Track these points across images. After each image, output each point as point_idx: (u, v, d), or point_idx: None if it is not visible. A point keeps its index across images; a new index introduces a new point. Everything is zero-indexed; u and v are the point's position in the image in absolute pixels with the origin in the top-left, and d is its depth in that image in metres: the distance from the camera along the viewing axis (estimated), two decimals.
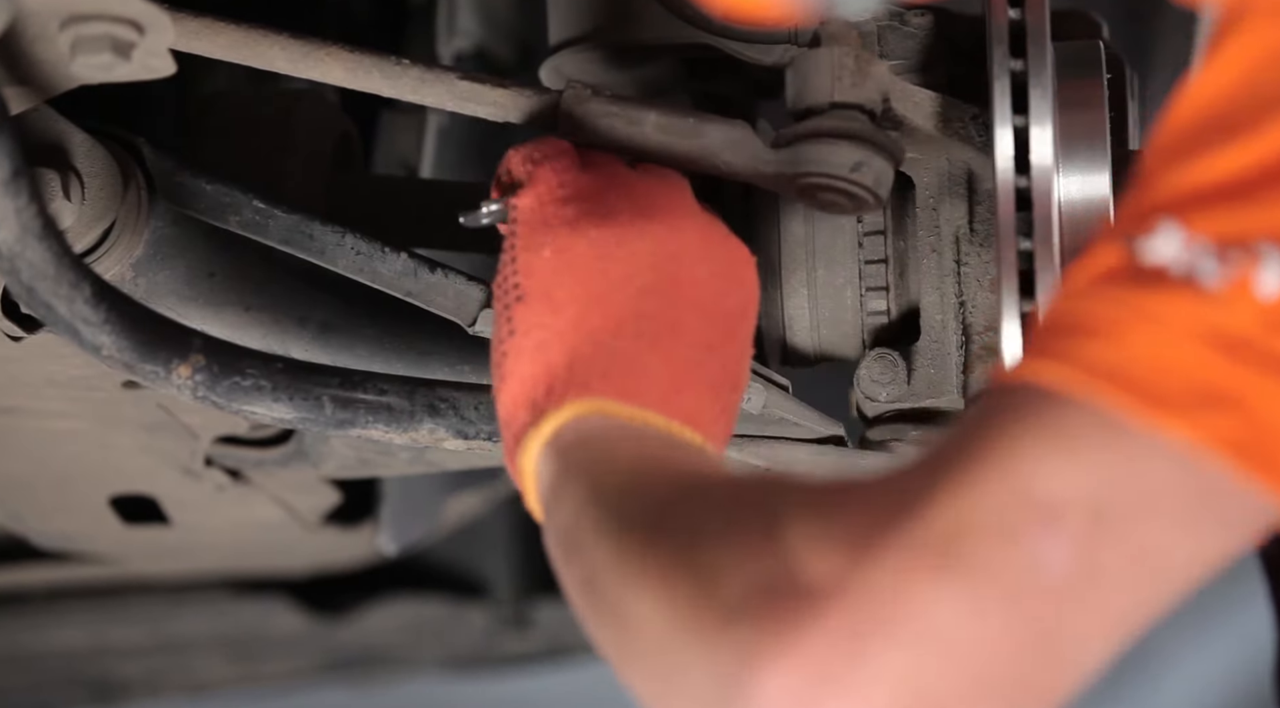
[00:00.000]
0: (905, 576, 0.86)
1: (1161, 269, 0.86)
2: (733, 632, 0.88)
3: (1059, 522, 0.86)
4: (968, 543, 0.86)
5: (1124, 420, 0.86)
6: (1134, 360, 0.86)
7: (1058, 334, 0.89)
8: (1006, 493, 0.86)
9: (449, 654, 2.47)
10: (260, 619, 2.36)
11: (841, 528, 0.88)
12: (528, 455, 1.08)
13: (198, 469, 1.65)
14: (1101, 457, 0.86)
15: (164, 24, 1.15)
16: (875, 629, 0.85)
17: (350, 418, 1.25)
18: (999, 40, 1.24)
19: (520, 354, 1.11)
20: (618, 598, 0.95)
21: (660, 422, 1.09)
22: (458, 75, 1.27)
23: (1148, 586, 0.88)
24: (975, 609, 0.85)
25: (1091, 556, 0.86)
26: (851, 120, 1.23)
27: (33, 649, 2.35)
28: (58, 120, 1.27)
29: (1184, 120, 0.91)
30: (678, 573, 0.92)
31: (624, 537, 0.97)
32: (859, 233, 1.36)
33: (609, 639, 0.97)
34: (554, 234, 1.14)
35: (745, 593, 0.88)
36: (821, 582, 0.87)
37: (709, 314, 1.14)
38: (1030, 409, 0.88)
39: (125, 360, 1.20)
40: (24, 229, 1.13)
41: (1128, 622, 0.88)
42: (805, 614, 0.86)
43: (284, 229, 1.32)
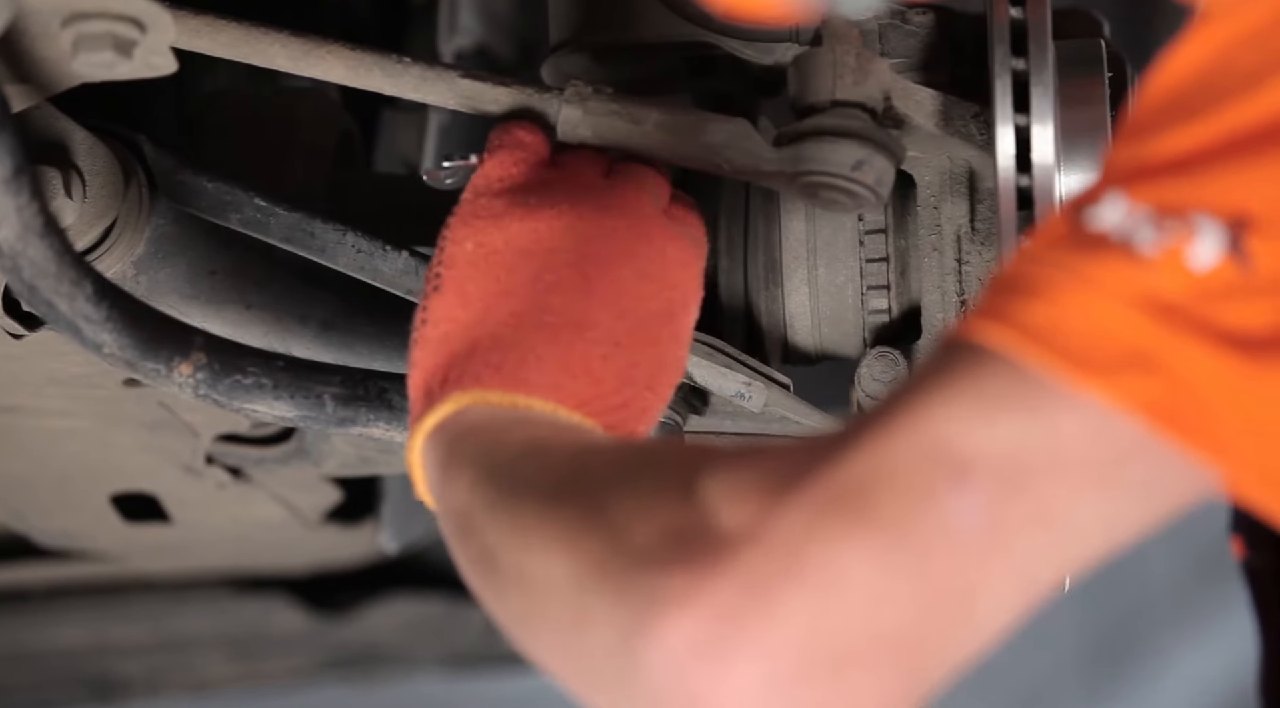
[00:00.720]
0: (815, 525, 0.86)
1: (1102, 235, 0.87)
2: (638, 579, 0.88)
3: (969, 478, 0.86)
4: (879, 496, 0.86)
5: (1045, 378, 0.86)
6: (1062, 320, 0.86)
7: (998, 293, 0.89)
8: (920, 447, 0.87)
9: (449, 653, 2.46)
10: (261, 618, 2.36)
11: (755, 477, 0.89)
12: (414, 445, 1.09)
13: (199, 467, 1.65)
14: (1018, 415, 0.86)
15: (165, 22, 1.15)
16: (781, 577, 0.85)
17: (351, 416, 1.25)
18: (1000, 39, 1.24)
19: (426, 344, 1.13)
20: (518, 564, 0.95)
21: (547, 407, 1.08)
22: (459, 73, 1.27)
23: (1056, 547, 0.88)
24: (882, 562, 0.85)
25: (1000, 514, 0.86)
26: (853, 119, 1.23)
27: (33, 647, 2.35)
28: (59, 118, 1.27)
29: (1147, 101, 0.92)
30: (584, 529, 0.92)
31: (521, 505, 0.97)
32: (860, 231, 1.36)
33: (512, 611, 0.96)
34: (478, 226, 1.17)
35: (653, 542, 0.89)
36: (731, 529, 0.87)
37: (624, 313, 1.14)
38: (956, 366, 0.88)
39: (126, 358, 1.20)
40: (25, 227, 1.13)
41: (1035, 583, 0.88)
42: (712, 560, 0.86)
43: (285, 227, 1.32)
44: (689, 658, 0.86)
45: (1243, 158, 0.87)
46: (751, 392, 1.29)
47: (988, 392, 0.87)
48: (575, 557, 0.92)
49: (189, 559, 2.13)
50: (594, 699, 0.92)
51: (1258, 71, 0.89)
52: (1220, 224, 0.86)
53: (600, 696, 0.91)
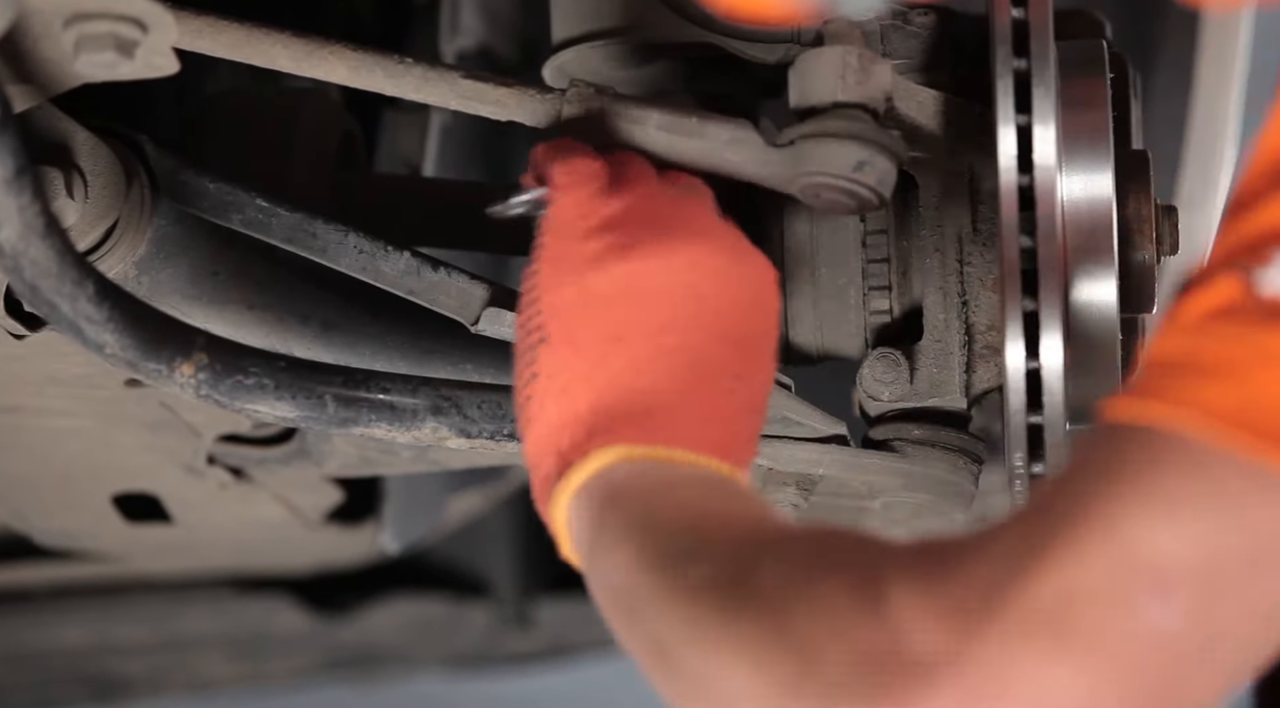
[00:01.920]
0: (1016, 648, 0.84)
1: (1278, 304, 0.85)
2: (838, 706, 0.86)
3: (1170, 585, 0.84)
4: (1078, 611, 0.84)
5: (1243, 462, 0.84)
6: (1256, 400, 0.84)
7: (1171, 373, 0.86)
8: (1115, 557, 0.84)
9: (451, 653, 2.47)
10: (262, 618, 2.36)
11: (947, 599, 0.86)
12: (558, 508, 1.07)
13: (200, 467, 1.65)
14: (1213, 508, 0.84)
15: (167, 22, 1.15)
16: (988, 700, 0.84)
17: (353, 416, 1.25)
18: (1002, 39, 1.24)
19: (545, 399, 1.10)
20: (700, 669, 0.92)
21: (691, 458, 1.06)
22: (461, 74, 1.27)
23: (1262, 639, 0.86)
24: (1089, 680, 0.84)
25: (1205, 617, 0.84)
26: (855, 120, 1.23)
27: (35, 647, 2.35)
28: (61, 118, 1.27)
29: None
30: (769, 644, 0.90)
31: (696, 603, 0.94)
32: (862, 232, 1.36)
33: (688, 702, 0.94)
34: (577, 272, 1.12)
35: (848, 668, 0.86)
36: (930, 656, 0.85)
37: (735, 343, 1.11)
38: (1140, 457, 0.86)
39: (128, 359, 1.20)
40: (27, 227, 1.13)
41: (1243, 672, 0.87)
42: (915, 690, 0.84)
43: (287, 228, 1.32)
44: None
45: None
46: None
47: (1175, 487, 0.85)
48: (764, 678, 0.89)
49: (190, 559, 2.14)
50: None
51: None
52: None
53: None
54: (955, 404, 1.32)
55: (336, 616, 2.38)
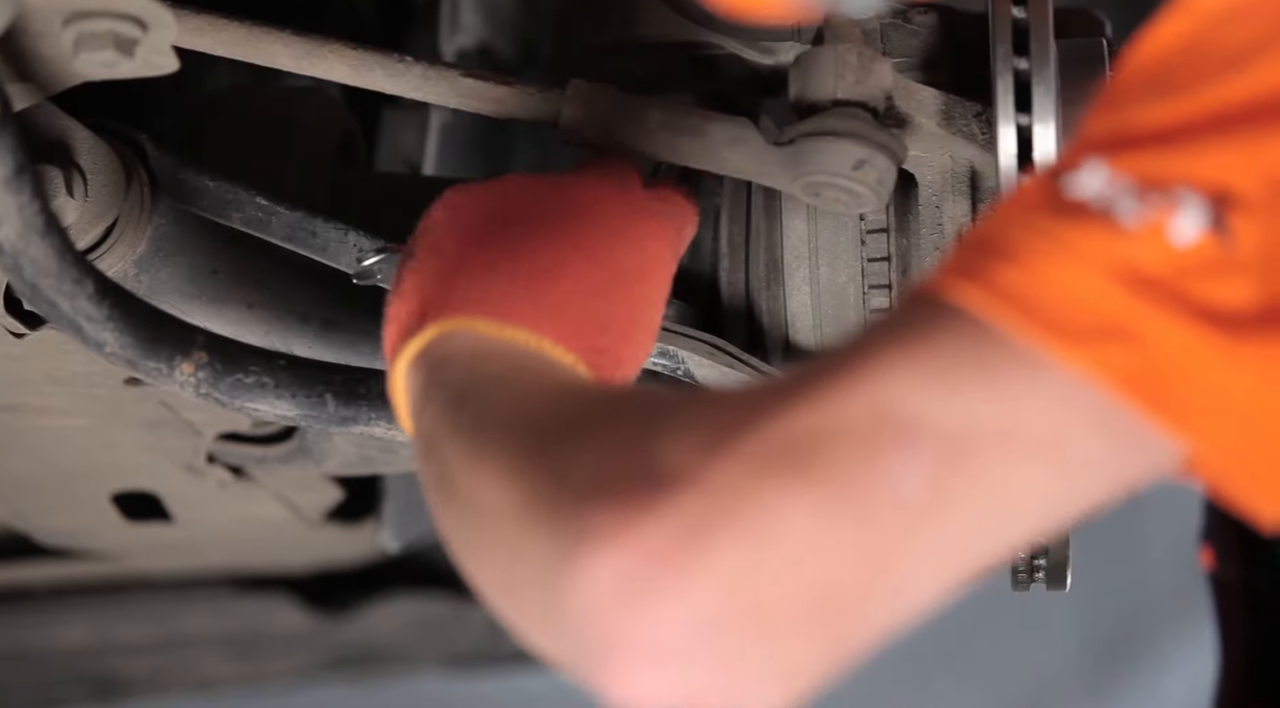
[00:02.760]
0: (757, 473, 0.85)
1: (1082, 203, 0.87)
2: (575, 513, 0.87)
3: (917, 444, 0.85)
4: (824, 450, 0.85)
5: (1016, 344, 0.85)
6: (1038, 286, 0.85)
7: (971, 253, 0.88)
8: (872, 406, 0.86)
9: (451, 652, 2.46)
10: (263, 617, 2.36)
11: (703, 422, 0.88)
12: (396, 374, 1.08)
13: (200, 466, 1.65)
14: (976, 386, 0.86)
15: (167, 21, 1.15)
16: (717, 521, 0.84)
17: (353, 415, 1.25)
18: (1002, 38, 1.24)
19: (400, 297, 1.11)
20: (469, 490, 0.94)
21: (532, 339, 1.07)
22: (461, 72, 1.27)
23: (1000, 522, 0.87)
24: (820, 517, 0.84)
25: (944, 483, 0.85)
26: (854, 118, 1.23)
27: (35, 647, 2.35)
28: (60, 117, 1.27)
29: (1129, 72, 0.92)
30: (532, 462, 0.91)
31: (483, 432, 0.96)
32: (862, 231, 1.36)
33: (459, 536, 0.96)
34: (444, 200, 1.16)
35: (595, 478, 0.88)
36: (672, 471, 0.86)
37: (599, 265, 1.13)
38: (922, 324, 0.87)
39: (128, 357, 1.20)
40: (27, 226, 1.13)
41: (972, 556, 0.87)
42: (648, 499, 0.85)
43: (287, 226, 1.32)
44: (611, 595, 0.85)
45: (1228, 133, 0.87)
46: None
47: (949, 356, 0.86)
48: (519, 487, 0.91)
49: (191, 558, 2.13)
50: (524, 631, 0.91)
51: (1244, 46, 0.89)
52: (1203, 199, 0.86)
53: (529, 627, 0.91)
54: None
55: (337, 614, 2.38)
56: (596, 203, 1.17)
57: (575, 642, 0.87)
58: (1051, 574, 1.37)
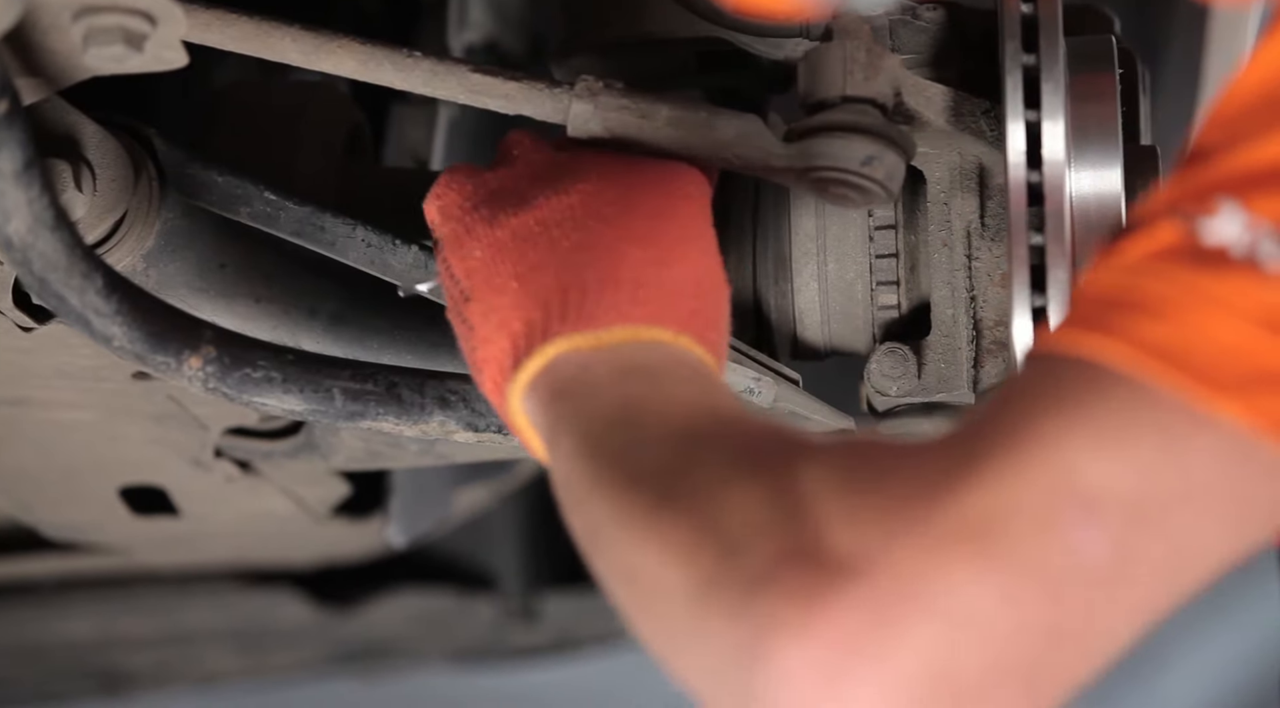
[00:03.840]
0: (938, 555, 0.84)
1: (1222, 250, 0.85)
2: (756, 600, 0.86)
3: (1099, 513, 0.84)
4: (1005, 528, 0.84)
5: (1178, 401, 0.84)
6: (1192, 341, 0.84)
7: (1110, 308, 0.87)
8: (1048, 479, 0.85)
9: (456, 647, 2.47)
10: (268, 611, 2.36)
11: (875, 502, 0.87)
12: (514, 411, 1.08)
13: (207, 460, 1.65)
14: (1149, 444, 0.85)
15: (176, 16, 1.15)
16: (904, 606, 0.84)
17: (360, 410, 1.25)
18: (1011, 34, 1.24)
19: (486, 340, 1.11)
20: (627, 557, 0.93)
21: (627, 332, 1.06)
22: (469, 68, 1.27)
23: (1182, 577, 0.87)
24: (1007, 595, 0.84)
25: (1129, 549, 0.85)
26: (863, 114, 1.23)
27: (41, 640, 2.35)
28: (69, 111, 1.27)
29: (1241, 99, 0.90)
30: (694, 534, 0.90)
31: (625, 491, 0.95)
32: (870, 227, 1.36)
33: (622, 596, 0.95)
34: (476, 236, 1.15)
35: (770, 561, 0.86)
36: (851, 555, 0.85)
37: (648, 240, 1.13)
38: (1078, 386, 0.86)
39: (136, 352, 1.20)
40: (36, 220, 1.13)
41: (1157, 611, 0.88)
42: (833, 586, 0.85)
43: (295, 221, 1.32)
44: (811, 684, 0.84)
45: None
46: (761, 387, 1.29)
47: (1114, 419, 0.85)
48: (689, 570, 0.89)
49: (197, 552, 2.13)
50: (713, 703, 0.90)
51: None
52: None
53: (720, 701, 0.89)
54: (963, 399, 1.32)
55: (342, 609, 2.38)
56: (611, 181, 1.17)
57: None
58: None
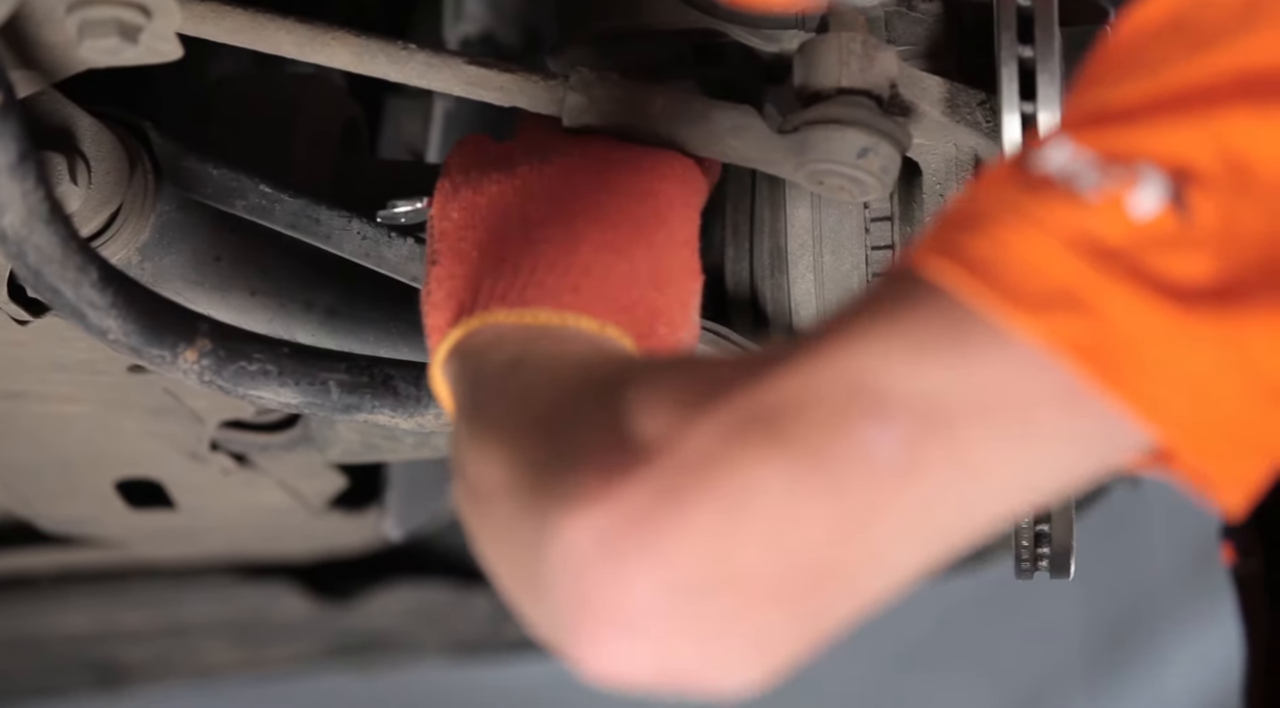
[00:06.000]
0: (730, 440, 0.86)
1: (1046, 177, 0.88)
2: (557, 482, 0.88)
3: (890, 414, 0.86)
4: (798, 419, 0.86)
5: (979, 313, 0.86)
6: (1000, 256, 0.86)
7: (942, 228, 0.89)
8: (845, 376, 0.86)
9: (453, 640, 2.47)
10: (265, 604, 2.36)
11: (676, 390, 0.89)
12: (435, 379, 1.10)
13: (203, 454, 1.65)
14: (945, 356, 0.86)
15: (171, 8, 1.15)
16: (690, 488, 0.85)
17: (356, 403, 1.25)
18: (1007, 26, 1.24)
19: (435, 307, 1.13)
20: (473, 471, 0.96)
21: (554, 317, 1.08)
22: (464, 60, 1.27)
23: (971, 494, 0.87)
24: (793, 484, 0.85)
25: (916, 452, 0.86)
26: (858, 106, 1.23)
27: (38, 633, 2.35)
28: (64, 104, 1.27)
29: (1106, 54, 0.93)
30: (523, 439, 0.93)
31: (482, 417, 0.98)
32: (866, 219, 1.36)
33: (467, 516, 0.97)
34: (459, 198, 1.18)
35: (577, 449, 0.89)
36: (646, 439, 0.87)
37: (611, 225, 1.14)
38: (893, 295, 0.88)
39: (132, 345, 1.20)
40: (31, 213, 1.13)
41: (945, 530, 0.88)
42: (625, 466, 0.86)
43: (290, 213, 1.32)
44: (589, 559, 0.85)
45: (1191, 112, 0.88)
46: None
47: (919, 327, 0.87)
48: (511, 464, 0.92)
49: (193, 546, 2.14)
50: (518, 605, 0.92)
51: (1214, 28, 0.90)
52: (1164, 174, 0.86)
53: (521, 599, 0.91)
54: None
55: (339, 602, 2.38)
56: (595, 162, 1.19)
57: (553, 608, 0.87)
58: (1055, 563, 1.37)
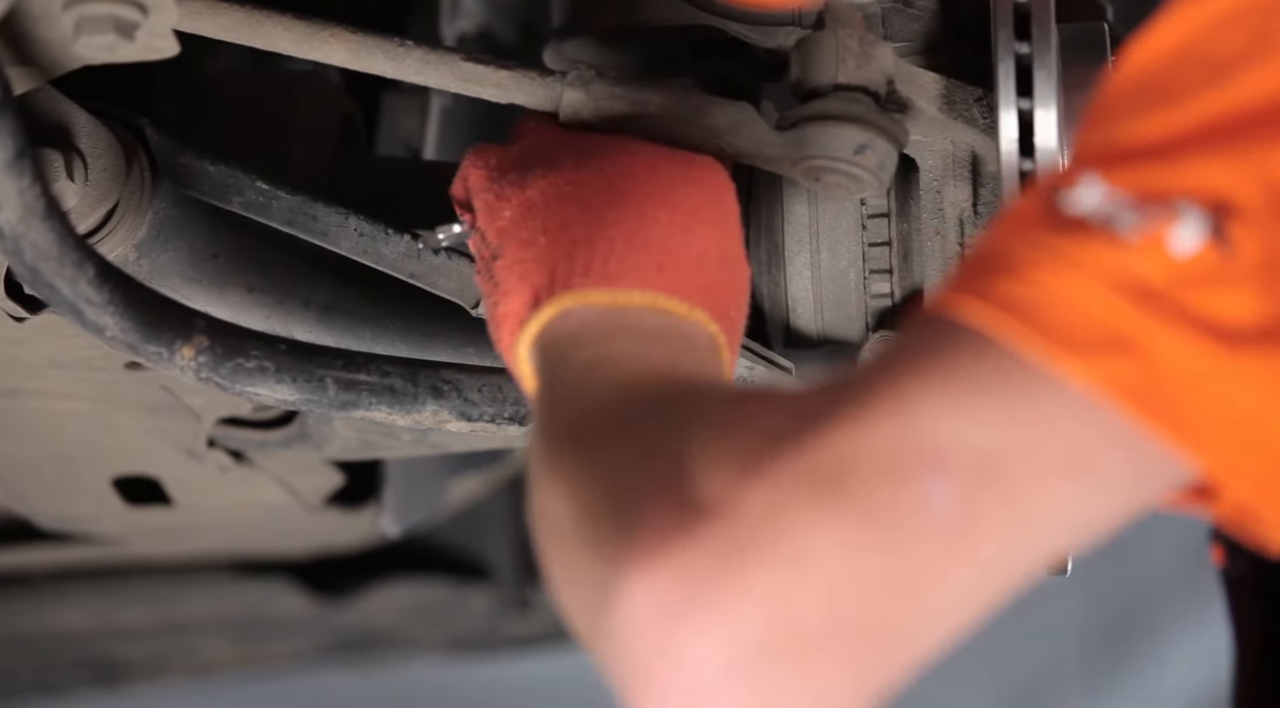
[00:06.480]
0: (787, 500, 0.85)
1: (1081, 219, 0.87)
2: (619, 533, 0.88)
3: (946, 466, 0.85)
4: (853, 476, 0.85)
5: (1026, 359, 0.86)
6: (1043, 300, 0.86)
7: (975, 271, 0.89)
8: (899, 430, 0.86)
9: (451, 637, 2.47)
10: (263, 601, 2.37)
11: (736, 444, 0.88)
12: (519, 359, 1.09)
13: (200, 451, 1.65)
14: (997, 405, 0.86)
15: (167, 4, 1.15)
16: (750, 548, 0.85)
17: (353, 400, 1.25)
18: (1004, 22, 1.24)
19: (508, 294, 1.12)
20: (540, 496, 0.96)
21: (646, 298, 1.08)
22: (461, 57, 1.27)
23: (1030, 537, 0.87)
24: (851, 542, 0.85)
25: (975, 503, 0.85)
26: (855, 103, 1.23)
27: (36, 631, 2.35)
28: (61, 101, 1.27)
29: (1120, 83, 0.92)
30: (587, 476, 0.92)
31: (555, 439, 0.97)
32: (863, 215, 1.36)
33: (538, 536, 0.97)
34: (506, 199, 1.17)
35: (638, 497, 0.88)
36: (705, 496, 0.86)
37: (673, 205, 1.14)
38: (937, 342, 0.88)
39: (129, 342, 1.20)
40: (27, 210, 1.13)
41: (1005, 574, 0.88)
42: (685, 526, 0.86)
43: (287, 210, 1.32)
44: (651, 618, 0.85)
45: (1223, 143, 0.87)
46: (754, 376, 1.29)
47: (967, 377, 0.87)
48: (575, 503, 0.92)
49: (191, 543, 2.14)
50: (586, 639, 0.92)
51: (1234, 54, 0.89)
52: (1202, 210, 0.86)
53: (589, 638, 0.91)
54: None
55: (336, 599, 2.38)
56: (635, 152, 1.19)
57: (619, 661, 0.87)
58: None
